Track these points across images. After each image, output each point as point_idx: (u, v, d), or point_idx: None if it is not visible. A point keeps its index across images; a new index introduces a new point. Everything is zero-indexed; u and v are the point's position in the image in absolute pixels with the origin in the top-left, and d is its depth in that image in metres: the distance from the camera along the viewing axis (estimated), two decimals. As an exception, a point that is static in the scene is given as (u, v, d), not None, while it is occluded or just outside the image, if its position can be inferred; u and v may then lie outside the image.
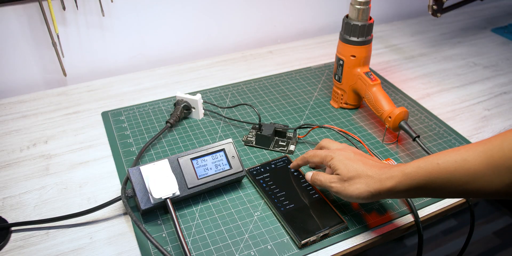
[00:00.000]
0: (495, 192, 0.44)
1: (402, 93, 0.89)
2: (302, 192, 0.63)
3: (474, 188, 0.45)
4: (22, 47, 0.85)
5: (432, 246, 1.35)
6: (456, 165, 0.45)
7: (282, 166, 0.68)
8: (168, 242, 0.57)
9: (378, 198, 0.51)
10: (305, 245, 0.57)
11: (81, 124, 0.79)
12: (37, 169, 0.69)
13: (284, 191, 0.63)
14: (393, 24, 1.21)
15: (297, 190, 0.63)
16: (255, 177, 0.66)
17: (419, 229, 0.60)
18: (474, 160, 0.44)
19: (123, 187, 0.59)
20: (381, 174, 0.51)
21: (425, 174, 0.47)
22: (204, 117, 0.81)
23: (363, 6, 0.72)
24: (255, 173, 0.66)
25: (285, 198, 0.62)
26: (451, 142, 0.76)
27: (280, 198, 0.62)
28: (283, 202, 0.61)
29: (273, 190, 0.63)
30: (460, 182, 0.45)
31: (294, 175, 0.66)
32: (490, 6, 1.32)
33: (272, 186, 0.64)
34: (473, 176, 0.44)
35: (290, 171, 0.67)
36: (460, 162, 0.45)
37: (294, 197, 0.62)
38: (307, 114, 0.82)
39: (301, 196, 0.63)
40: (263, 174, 0.66)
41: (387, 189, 0.49)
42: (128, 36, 0.94)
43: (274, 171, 0.67)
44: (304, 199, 0.62)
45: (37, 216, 0.61)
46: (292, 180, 0.65)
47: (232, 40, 1.07)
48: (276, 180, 0.65)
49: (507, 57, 1.04)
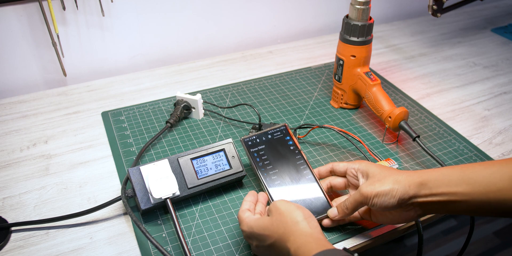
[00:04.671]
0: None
1: (402, 93, 0.89)
2: (296, 172, 0.62)
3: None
4: (22, 47, 0.85)
5: (432, 246, 1.35)
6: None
7: (279, 137, 0.65)
8: (168, 242, 0.57)
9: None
10: None
11: (81, 124, 0.79)
12: (37, 169, 0.69)
13: (277, 168, 0.62)
14: (393, 24, 1.21)
15: (291, 168, 0.62)
16: (250, 148, 0.63)
17: (419, 229, 0.60)
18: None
19: (123, 187, 0.59)
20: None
21: None
22: (204, 117, 0.81)
23: (363, 6, 0.72)
24: (250, 143, 0.63)
25: (277, 177, 0.61)
26: (451, 142, 0.76)
27: (272, 177, 0.61)
28: (275, 182, 0.61)
29: (266, 167, 0.62)
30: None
31: (290, 149, 0.64)
32: (490, 6, 1.32)
33: (265, 161, 0.62)
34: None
35: (286, 145, 0.64)
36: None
37: (286, 177, 0.61)
38: (307, 114, 0.82)
39: (295, 175, 0.62)
40: (258, 145, 0.63)
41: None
42: (128, 36, 0.94)
43: (270, 143, 0.64)
44: (297, 180, 0.61)
45: (37, 216, 0.61)
46: (287, 156, 0.63)
47: (232, 40, 1.07)
48: (271, 153, 0.63)
49: (507, 57, 1.04)
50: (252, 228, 0.50)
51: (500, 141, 0.77)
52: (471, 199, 0.45)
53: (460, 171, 0.47)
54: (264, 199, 0.58)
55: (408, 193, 0.48)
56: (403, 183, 0.49)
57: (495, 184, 0.44)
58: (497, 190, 0.44)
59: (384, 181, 0.50)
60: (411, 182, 0.48)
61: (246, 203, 0.55)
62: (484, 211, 0.46)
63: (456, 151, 0.74)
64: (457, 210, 0.47)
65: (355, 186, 0.59)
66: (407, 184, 0.48)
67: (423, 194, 0.48)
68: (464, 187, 0.45)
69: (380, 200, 0.49)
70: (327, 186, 0.61)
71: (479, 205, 0.45)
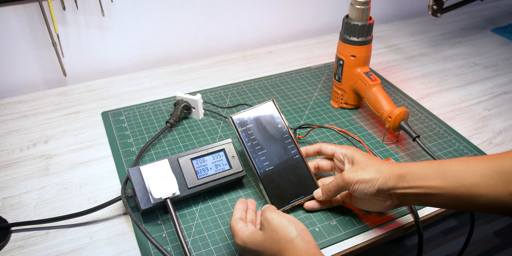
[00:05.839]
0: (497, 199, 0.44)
1: (402, 93, 0.89)
2: (285, 152, 0.63)
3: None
4: (22, 47, 0.85)
5: (432, 246, 1.35)
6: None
7: (267, 114, 0.65)
8: (168, 242, 0.57)
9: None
10: None
11: (81, 124, 0.79)
12: (37, 169, 0.69)
13: (265, 148, 0.63)
14: (393, 24, 1.21)
15: (280, 148, 0.63)
16: (239, 128, 0.63)
17: (419, 229, 0.60)
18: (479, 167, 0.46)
19: (123, 187, 0.59)
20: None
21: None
22: (204, 117, 0.81)
23: (363, 6, 0.72)
24: (238, 122, 0.63)
25: (265, 158, 0.62)
26: (451, 142, 0.76)
27: (260, 158, 0.62)
28: (263, 163, 0.62)
29: (255, 147, 0.62)
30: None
31: (278, 127, 0.64)
32: (490, 6, 1.32)
33: (254, 141, 0.63)
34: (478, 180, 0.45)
35: (274, 123, 0.65)
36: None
37: (274, 157, 0.62)
38: (307, 114, 0.82)
39: (283, 155, 0.63)
40: (247, 124, 0.63)
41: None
42: (128, 36, 0.94)
43: (259, 121, 0.64)
44: (285, 161, 0.63)
45: (37, 216, 0.61)
46: (276, 135, 0.64)
47: (232, 40, 1.07)
48: (259, 132, 0.63)
49: (507, 57, 1.04)
50: (246, 243, 0.50)
51: (500, 141, 0.77)
52: (444, 193, 0.47)
53: (437, 166, 0.49)
54: (253, 206, 0.58)
55: (387, 184, 0.51)
56: (384, 174, 0.51)
57: (466, 179, 0.46)
58: (468, 185, 0.46)
59: (367, 170, 0.53)
60: (392, 174, 0.51)
61: (237, 212, 0.55)
62: (457, 205, 0.48)
63: (456, 151, 0.74)
64: (432, 202, 0.49)
65: (340, 170, 0.61)
66: (387, 175, 0.51)
67: (401, 186, 0.50)
68: (438, 181, 0.48)
69: (361, 187, 0.52)
70: (315, 166, 0.64)
71: (452, 199, 0.47)
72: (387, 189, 0.51)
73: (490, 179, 0.44)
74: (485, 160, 0.46)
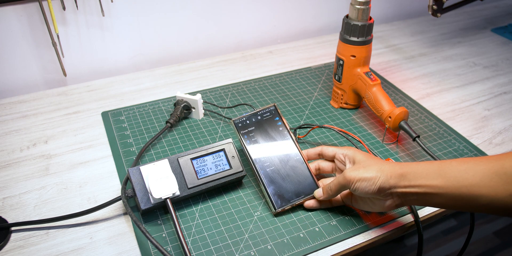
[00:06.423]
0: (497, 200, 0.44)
1: (402, 93, 0.89)
2: (285, 152, 0.64)
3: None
4: (22, 47, 0.85)
5: (432, 246, 1.35)
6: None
7: (269, 117, 0.67)
8: (168, 242, 0.57)
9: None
10: (279, 214, 0.60)
11: (81, 124, 0.79)
12: (37, 169, 0.69)
13: (266, 149, 0.64)
14: (393, 24, 1.21)
15: (280, 148, 0.64)
16: (240, 130, 0.65)
17: (419, 229, 0.60)
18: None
19: (123, 187, 0.59)
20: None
21: None
22: (204, 117, 0.81)
23: (363, 6, 0.72)
24: (240, 125, 0.65)
25: (266, 158, 0.63)
26: (451, 142, 0.76)
27: (261, 159, 0.63)
28: (264, 163, 0.62)
29: (256, 148, 0.64)
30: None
31: (279, 130, 0.66)
32: (490, 6, 1.32)
33: (255, 143, 0.64)
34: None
35: (275, 126, 0.66)
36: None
37: (275, 157, 0.63)
38: (307, 114, 0.82)
39: (284, 157, 0.64)
40: (248, 127, 0.65)
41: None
42: (128, 36, 0.94)
43: (260, 124, 0.66)
44: (285, 161, 0.63)
45: (37, 216, 0.61)
46: (277, 137, 0.65)
47: (232, 40, 1.07)
48: (260, 134, 0.65)
49: (507, 57, 1.04)
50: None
51: (500, 141, 0.77)
52: (445, 193, 0.47)
53: (438, 166, 0.49)
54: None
55: (389, 182, 0.51)
56: (385, 173, 0.51)
57: (467, 179, 0.46)
58: (469, 185, 0.46)
59: (369, 168, 0.53)
60: (393, 172, 0.51)
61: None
62: (457, 205, 0.48)
63: (456, 151, 0.74)
64: (432, 202, 0.50)
65: (341, 171, 0.61)
66: (389, 174, 0.51)
67: (402, 185, 0.50)
68: (439, 180, 0.48)
69: (362, 185, 0.52)
70: (315, 168, 0.65)
71: (452, 199, 0.47)
72: (388, 187, 0.51)
73: (491, 179, 0.45)
74: (486, 160, 0.46)
